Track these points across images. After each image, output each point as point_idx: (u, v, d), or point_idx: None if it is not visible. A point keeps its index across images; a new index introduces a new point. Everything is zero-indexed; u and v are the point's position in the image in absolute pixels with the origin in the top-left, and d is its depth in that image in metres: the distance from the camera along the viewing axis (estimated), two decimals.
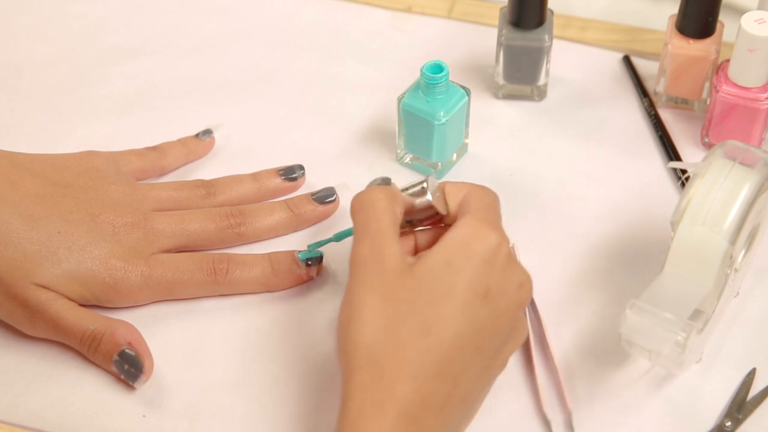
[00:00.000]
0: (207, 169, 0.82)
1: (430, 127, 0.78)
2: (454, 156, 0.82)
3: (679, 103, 0.86)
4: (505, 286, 0.62)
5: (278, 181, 0.79)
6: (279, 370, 0.70)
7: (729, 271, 0.68)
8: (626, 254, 0.77)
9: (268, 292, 0.74)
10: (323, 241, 0.74)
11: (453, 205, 0.67)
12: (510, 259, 0.63)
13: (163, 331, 0.72)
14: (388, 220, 0.64)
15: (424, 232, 0.69)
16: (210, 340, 0.72)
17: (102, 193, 0.74)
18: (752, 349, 0.71)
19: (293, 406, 0.68)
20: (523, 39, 0.83)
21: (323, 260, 0.74)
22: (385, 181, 0.68)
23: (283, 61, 0.91)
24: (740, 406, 0.68)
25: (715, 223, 0.66)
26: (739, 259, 0.70)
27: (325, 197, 0.78)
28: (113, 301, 0.72)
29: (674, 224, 0.67)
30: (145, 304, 0.73)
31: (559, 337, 0.72)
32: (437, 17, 0.94)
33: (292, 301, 0.74)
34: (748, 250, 0.72)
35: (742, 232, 0.66)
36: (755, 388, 0.69)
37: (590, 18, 0.94)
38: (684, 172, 0.81)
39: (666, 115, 0.86)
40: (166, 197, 0.76)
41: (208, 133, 0.83)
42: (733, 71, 0.79)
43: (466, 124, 0.81)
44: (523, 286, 0.63)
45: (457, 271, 0.61)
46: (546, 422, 0.68)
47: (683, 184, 0.80)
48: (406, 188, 0.67)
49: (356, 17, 0.95)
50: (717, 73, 0.80)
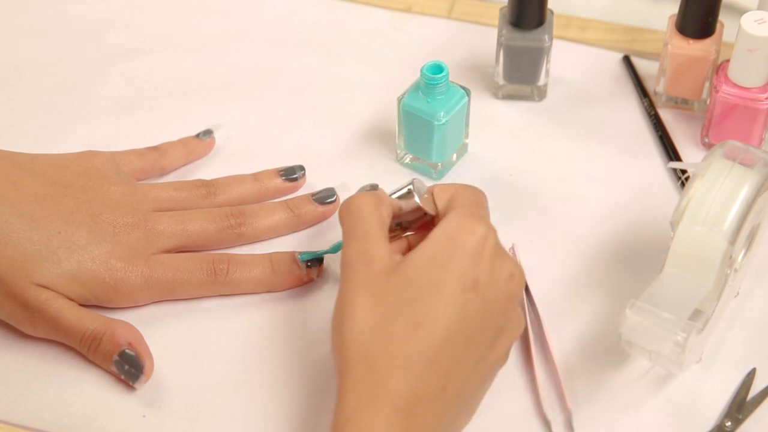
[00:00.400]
0: (207, 169, 0.82)
1: (430, 127, 0.78)
2: (454, 156, 0.82)
3: (679, 103, 0.86)
4: (494, 278, 0.62)
5: (279, 182, 0.79)
6: (279, 371, 0.70)
7: (729, 271, 0.68)
8: (626, 254, 0.77)
9: (269, 292, 0.74)
10: (318, 252, 0.74)
11: (441, 205, 0.68)
12: (498, 251, 0.63)
13: (163, 331, 0.72)
14: (374, 222, 0.64)
15: (416, 235, 0.69)
16: (210, 340, 0.72)
17: (102, 193, 0.74)
18: (752, 349, 0.71)
19: (293, 406, 0.68)
20: (523, 39, 0.83)
21: (323, 262, 0.74)
22: (373, 187, 0.70)
23: (283, 61, 0.91)
24: (740, 406, 0.68)
25: (715, 223, 0.66)
26: (739, 259, 0.70)
27: (326, 198, 0.78)
28: (113, 302, 0.72)
29: (674, 224, 0.67)
30: (145, 305, 0.73)
31: (559, 337, 0.72)
32: (437, 17, 0.94)
33: (292, 302, 0.74)
34: (747, 250, 0.72)
35: (742, 232, 0.66)
36: (755, 388, 0.69)
37: (590, 18, 0.94)
38: (684, 172, 0.81)
39: (666, 115, 0.86)
40: (166, 197, 0.76)
41: (208, 133, 0.83)
42: (733, 71, 0.79)
43: (466, 125, 0.81)
44: (514, 276, 0.63)
45: (444, 265, 0.61)
46: (546, 422, 0.68)
47: (683, 184, 0.80)
48: (394, 192, 0.68)
49: (356, 17, 0.95)
50: (717, 73, 0.80)
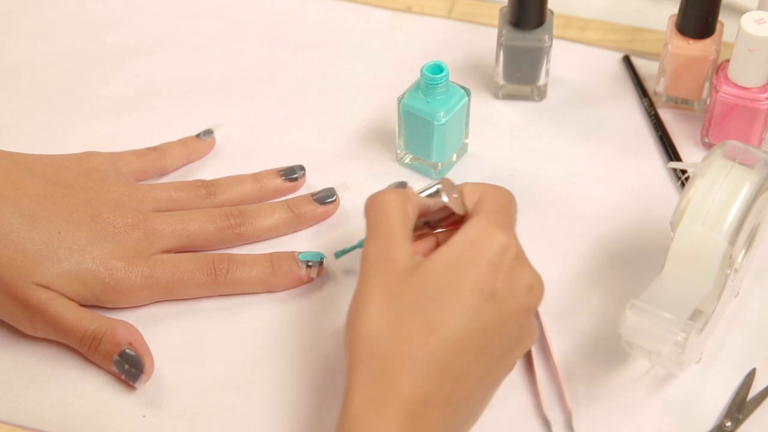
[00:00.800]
0: (207, 169, 0.82)
1: (430, 127, 0.78)
2: (454, 156, 0.82)
3: (679, 103, 0.86)
4: (513, 289, 0.62)
5: (279, 182, 0.79)
6: (279, 371, 0.70)
7: (729, 272, 0.68)
8: (626, 254, 0.77)
9: (269, 292, 0.74)
10: (348, 248, 0.74)
11: (470, 205, 0.67)
12: (519, 261, 0.63)
13: (163, 331, 0.72)
14: (398, 220, 0.64)
15: (445, 233, 0.68)
16: (210, 340, 0.72)
17: (102, 193, 0.74)
18: (752, 349, 0.71)
19: (293, 406, 0.68)
20: (523, 39, 0.83)
21: (323, 262, 0.74)
22: (401, 185, 0.69)
23: (283, 61, 0.91)
24: (740, 406, 0.68)
25: (715, 224, 0.66)
26: (739, 260, 0.70)
27: (326, 198, 0.78)
28: (113, 302, 0.72)
29: (674, 224, 0.67)
30: (145, 305, 0.73)
31: (559, 337, 0.72)
32: (437, 17, 0.94)
33: (292, 302, 0.74)
34: (747, 251, 0.72)
35: (742, 233, 0.66)
36: (755, 388, 0.69)
37: (590, 18, 0.94)
38: (684, 172, 0.81)
39: (666, 115, 0.86)
40: (165, 197, 0.76)
41: (208, 133, 0.83)
42: (733, 71, 0.79)
43: (466, 125, 0.81)
44: (533, 288, 0.63)
45: (463, 272, 0.61)
46: (546, 422, 0.68)
47: (683, 184, 0.80)
48: (423, 190, 0.67)
49: (356, 17, 0.95)
50: (717, 73, 0.80)
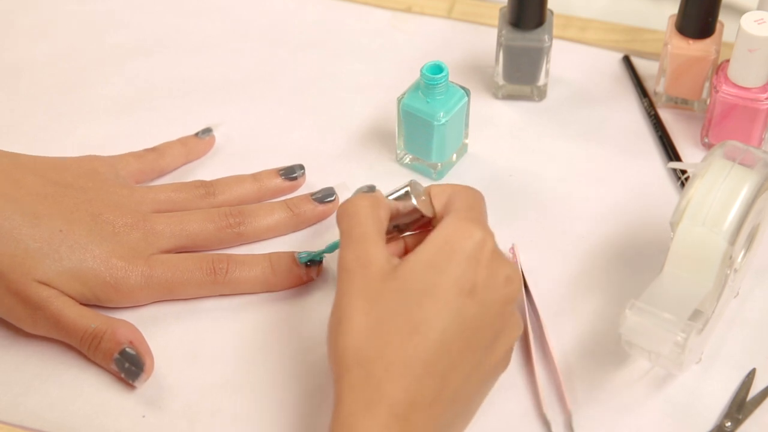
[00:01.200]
0: (207, 169, 0.82)
1: (430, 127, 0.78)
2: (454, 156, 0.82)
3: (679, 103, 0.86)
4: (492, 282, 0.62)
5: (278, 181, 0.79)
6: (279, 371, 0.70)
7: (729, 272, 0.68)
8: (626, 254, 0.77)
9: (268, 292, 0.74)
10: (315, 253, 0.74)
11: (439, 207, 0.67)
12: (495, 255, 0.63)
13: (163, 331, 0.72)
14: (371, 224, 0.64)
15: (414, 236, 0.69)
16: (210, 340, 0.72)
17: (102, 194, 0.74)
18: (752, 349, 0.71)
19: (293, 406, 0.68)
20: (523, 39, 0.83)
21: (323, 261, 0.74)
22: (370, 189, 0.69)
23: (283, 61, 0.91)
24: (740, 407, 0.68)
25: (715, 224, 0.66)
26: (739, 260, 0.70)
27: (325, 197, 0.78)
28: (113, 301, 0.72)
29: (674, 224, 0.67)
30: (145, 304, 0.73)
31: (559, 338, 0.72)
32: (437, 17, 0.94)
33: (292, 302, 0.74)
34: (747, 251, 0.72)
35: (742, 233, 0.66)
36: (755, 389, 0.69)
37: (590, 18, 0.94)
38: (684, 172, 0.81)
39: (666, 115, 0.86)
40: (164, 198, 0.76)
41: (207, 131, 0.83)
42: (733, 71, 0.79)
43: (466, 125, 0.81)
44: (511, 280, 0.63)
45: (441, 270, 0.61)
46: (546, 423, 0.68)
47: (683, 185, 0.80)
48: (391, 194, 0.68)
49: (356, 17, 0.95)
50: (717, 73, 0.80)
